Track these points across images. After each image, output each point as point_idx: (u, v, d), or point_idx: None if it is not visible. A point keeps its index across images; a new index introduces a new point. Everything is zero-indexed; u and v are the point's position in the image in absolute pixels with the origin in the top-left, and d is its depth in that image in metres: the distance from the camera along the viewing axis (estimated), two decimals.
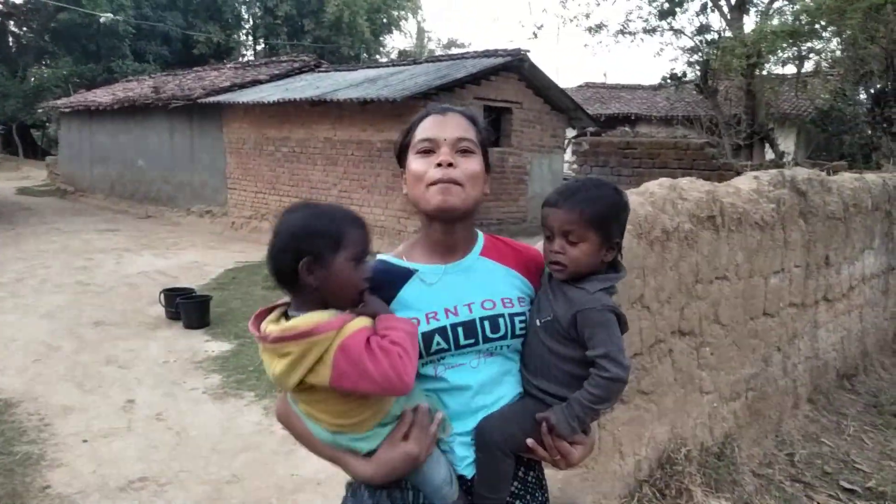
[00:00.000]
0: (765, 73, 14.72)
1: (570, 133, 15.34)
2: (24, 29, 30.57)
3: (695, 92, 16.37)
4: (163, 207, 16.39)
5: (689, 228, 3.12)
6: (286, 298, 1.42)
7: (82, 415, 4.84)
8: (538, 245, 1.66)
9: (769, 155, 14.61)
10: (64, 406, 4.98)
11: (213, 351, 6.34)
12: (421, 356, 1.43)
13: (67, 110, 19.86)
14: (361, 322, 1.32)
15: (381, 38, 36.39)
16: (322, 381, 1.27)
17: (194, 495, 3.76)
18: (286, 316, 1.37)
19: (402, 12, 36.56)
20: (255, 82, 15.53)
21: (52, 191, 20.61)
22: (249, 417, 4.80)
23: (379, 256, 1.59)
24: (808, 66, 15.31)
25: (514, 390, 1.51)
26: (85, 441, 4.42)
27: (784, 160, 13.04)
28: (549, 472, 2.74)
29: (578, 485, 2.72)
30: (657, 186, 3.04)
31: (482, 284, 1.52)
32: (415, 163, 1.50)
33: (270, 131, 13.88)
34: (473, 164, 1.49)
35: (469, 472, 1.46)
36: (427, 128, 1.52)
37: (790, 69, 15.64)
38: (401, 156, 1.58)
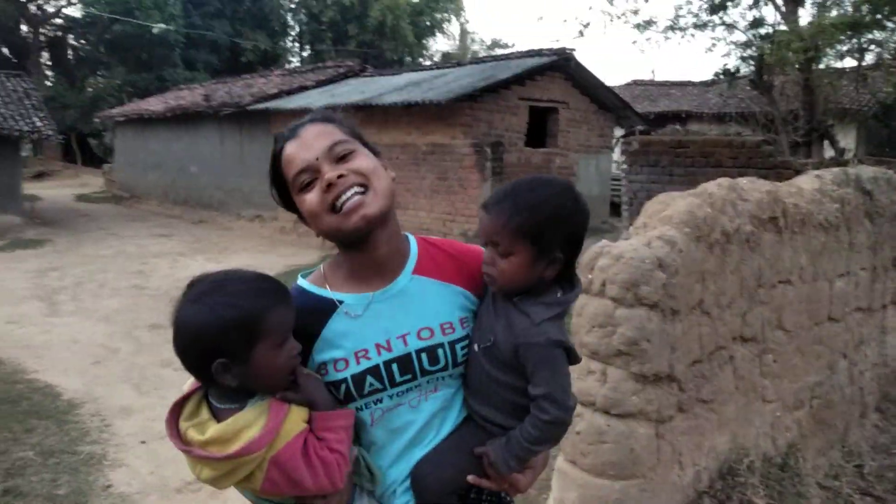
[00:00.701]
0: (822, 66, 14.20)
1: (619, 132, 15.11)
2: (82, 42, 31.78)
3: (749, 88, 15.90)
4: (214, 213, 16.78)
5: (750, 230, 3.01)
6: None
7: (140, 416, 4.98)
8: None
9: (828, 152, 14.10)
10: (123, 407, 5.13)
11: None
12: (353, 399, 1.30)
13: (122, 119, 20.54)
14: (295, 425, 1.19)
15: (425, 41, 36.54)
16: (252, 488, 1.20)
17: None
18: (207, 401, 1.22)
19: (445, 14, 36.64)
20: (302, 88, 15.79)
21: (109, 197, 21.35)
22: None
23: (298, 282, 1.40)
24: (869, 58, 14.70)
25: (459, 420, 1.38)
26: (143, 442, 4.54)
27: (845, 157, 12.56)
28: (605, 483, 2.68)
29: (636, 496, 2.65)
30: (716, 187, 2.94)
31: (417, 311, 1.34)
32: (305, 199, 1.28)
33: None
34: (363, 160, 1.29)
35: None
36: (291, 158, 1.29)
37: (849, 62, 15.06)
38: (285, 200, 1.36)
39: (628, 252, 2.54)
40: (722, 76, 15.29)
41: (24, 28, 29.87)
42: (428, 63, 30.63)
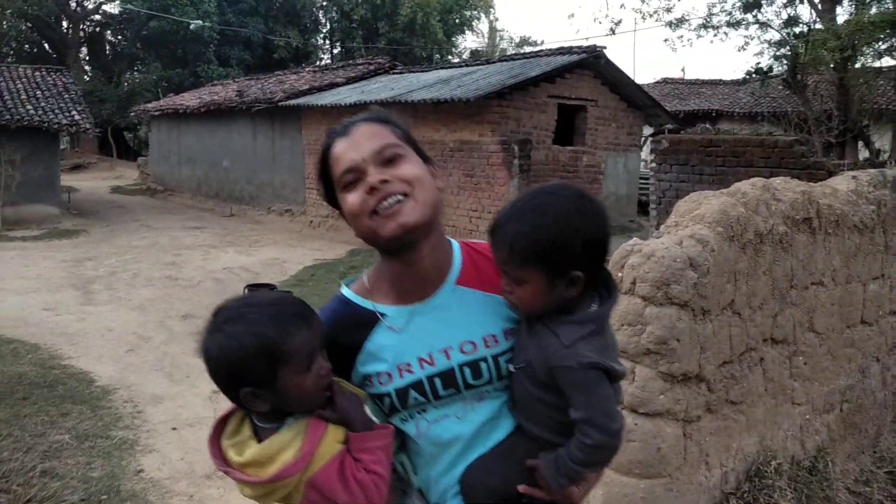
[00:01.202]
0: (859, 66, 13.90)
1: (647, 131, 14.97)
2: (119, 37, 32.41)
3: (781, 87, 15.64)
4: (245, 206, 17.01)
5: (783, 231, 2.98)
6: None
7: (171, 403, 5.09)
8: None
9: (863, 153, 13.80)
10: (155, 395, 5.25)
11: None
12: (397, 410, 1.31)
13: (157, 113, 20.92)
14: (331, 447, 1.21)
15: (454, 39, 36.51)
16: None
17: None
18: (250, 419, 1.24)
19: (475, 12, 36.56)
20: (333, 85, 15.91)
21: (143, 190, 21.77)
22: None
23: (341, 291, 1.40)
24: None
25: (511, 429, 1.34)
26: (174, 429, 4.64)
27: (880, 159, 12.28)
28: (631, 481, 2.68)
29: (662, 495, 2.64)
30: (749, 186, 2.92)
31: (459, 323, 1.30)
32: (347, 199, 1.26)
33: None
34: (409, 168, 1.26)
35: None
36: (339, 156, 1.28)
37: (887, 61, 14.72)
38: (330, 195, 1.34)
39: (659, 250, 2.54)
40: (754, 75, 15.05)
41: (64, 24, 30.55)
42: (457, 60, 30.61)
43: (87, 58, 32.74)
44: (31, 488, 3.57)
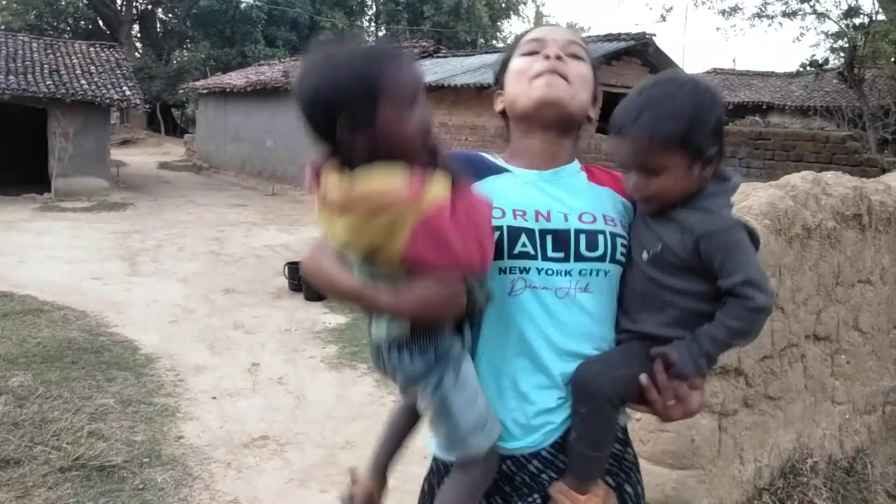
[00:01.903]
0: None
1: None
2: (170, 16, 33.01)
3: (836, 81, 15.12)
4: (287, 186, 17.24)
5: (832, 226, 2.91)
6: None
7: (212, 374, 5.23)
8: None
9: None
10: (196, 364, 5.40)
11: (331, 323, 6.64)
12: (501, 256, 1.20)
13: (205, 91, 21.29)
14: (442, 189, 1.10)
15: (499, 24, 36.20)
16: (391, 252, 1.08)
17: (310, 457, 3.97)
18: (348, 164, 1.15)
19: None
20: None
21: (189, 166, 22.23)
22: (362, 388, 5.00)
23: (473, 150, 1.43)
24: None
25: (611, 341, 1.28)
26: (214, 398, 4.78)
27: None
28: (663, 471, 2.67)
29: (694, 486, 2.63)
30: (799, 179, 2.85)
31: (582, 196, 1.30)
32: (518, 62, 1.34)
33: None
34: (583, 68, 1.32)
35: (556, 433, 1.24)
36: (532, 33, 1.37)
37: None
38: (500, 74, 1.40)
39: None
40: (809, 67, 14.58)
41: (117, 1, 31.22)
42: (502, 45, 30.37)
43: (139, 35, 33.44)
44: (79, 447, 3.72)
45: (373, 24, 36.81)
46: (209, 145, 21.70)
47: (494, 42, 34.40)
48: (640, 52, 12.00)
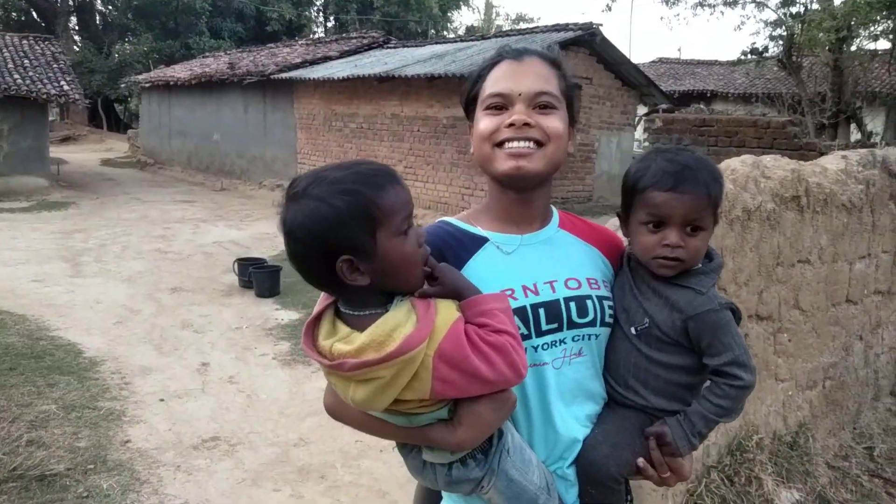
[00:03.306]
0: (854, 48, 13.86)
1: (642, 110, 14.91)
2: (109, 7, 31.87)
3: (776, 68, 15.59)
4: (236, 181, 16.90)
5: (771, 208, 2.98)
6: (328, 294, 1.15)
7: (160, 375, 5.09)
8: (607, 226, 1.49)
9: (855, 135, 13.81)
10: (143, 366, 5.24)
11: (283, 319, 6.54)
12: None
13: (148, 85, 20.66)
14: (449, 314, 1.07)
15: (449, 14, 36.12)
16: (419, 396, 1.05)
17: (263, 456, 3.90)
18: (340, 316, 1.11)
19: None
20: (326, 59, 15.74)
21: (133, 163, 21.58)
22: (316, 384, 4.93)
23: (442, 219, 1.36)
24: None
25: (601, 402, 1.31)
26: (162, 400, 4.65)
27: (872, 140, 12.30)
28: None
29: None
30: (739, 163, 2.91)
31: (565, 260, 1.29)
32: (483, 120, 1.26)
33: (339, 107, 14.07)
34: (555, 122, 1.25)
35: None
36: (499, 78, 1.26)
37: (883, 44, 14.68)
38: (468, 107, 1.34)
39: None
40: (750, 55, 14.99)
41: None
42: (452, 36, 30.30)
43: (77, 27, 32.20)
44: (16, 457, 3.57)
45: (321, 14, 36.28)
46: (154, 140, 21.10)
47: (445, 32, 34.32)
48: (587, 42, 12.10)
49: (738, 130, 8.28)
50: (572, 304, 1.24)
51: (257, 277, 7.35)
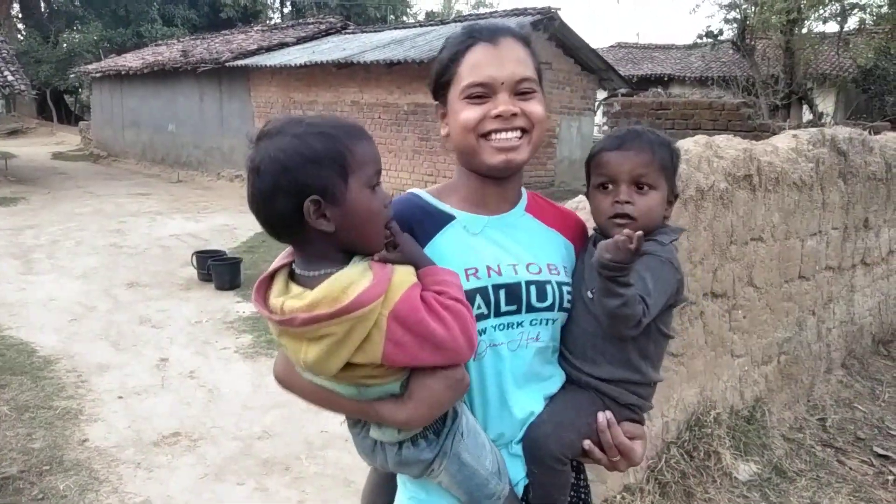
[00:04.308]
0: (805, 30, 14.18)
1: (601, 95, 15.03)
2: None
3: (731, 51, 15.86)
4: (193, 172, 16.55)
5: (724, 188, 3.03)
6: (286, 254, 1.14)
7: (118, 372, 4.97)
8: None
9: (807, 116, 14.16)
10: (100, 364, 5.11)
11: (244, 312, 6.43)
12: None
13: (98, 75, 20.03)
14: (407, 277, 1.06)
15: None
16: (371, 360, 1.03)
17: (226, 450, 3.84)
18: (294, 278, 1.10)
19: None
20: (282, 45, 15.47)
21: (86, 155, 20.93)
22: None
23: (412, 191, 1.36)
24: (852, 23, 14.71)
25: (556, 387, 1.31)
26: (120, 397, 4.54)
27: (823, 121, 12.62)
28: None
29: None
30: (692, 144, 2.95)
31: (527, 244, 1.30)
32: (465, 111, 1.22)
33: (298, 94, 13.85)
34: (537, 106, 1.24)
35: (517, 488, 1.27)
36: (477, 65, 1.22)
37: (832, 27, 15.05)
38: (438, 90, 1.30)
39: None
40: (705, 38, 15.22)
41: None
42: (412, 21, 30.06)
43: (20, 15, 31.01)
44: None
45: (277, 0, 35.61)
46: (106, 132, 20.50)
47: (404, 18, 34.01)
48: (546, 26, 12.13)
49: (694, 113, 8.41)
50: (532, 288, 1.25)
51: (217, 270, 7.22)
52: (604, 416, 1.25)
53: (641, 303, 1.18)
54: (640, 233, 1.09)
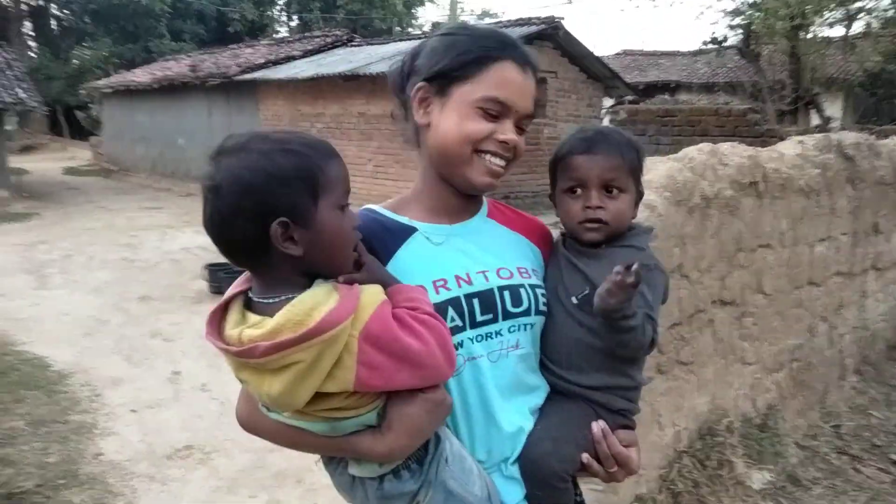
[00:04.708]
0: (810, 35, 14.15)
1: (608, 102, 15.05)
2: (66, 11, 31.13)
3: (737, 57, 15.85)
4: None
5: (730, 195, 3.04)
6: (240, 281, 1.05)
7: (130, 386, 5.01)
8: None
9: (815, 121, 14.11)
10: (113, 377, 5.15)
11: None
12: None
13: (108, 91, 20.26)
14: (376, 296, 0.99)
15: (414, 11, 35.99)
16: (343, 387, 0.94)
17: (238, 463, 3.86)
18: (250, 307, 1.01)
19: None
20: (289, 58, 15.59)
21: (97, 170, 21.13)
22: None
23: (367, 206, 1.30)
24: (858, 26, 14.67)
25: (543, 396, 1.26)
26: (133, 411, 4.58)
27: (830, 126, 12.58)
28: None
29: None
30: (697, 152, 2.96)
31: (495, 250, 1.27)
32: (473, 121, 1.18)
33: (305, 107, 13.95)
34: (522, 143, 1.25)
35: None
36: (506, 83, 1.19)
37: (837, 31, 15.02)
38: (441, 77, 1.21)
39: None
40: (710, 44, 15.22)
41: None
42: (417, 33, 30.22)
43: (32, 33, 31.41)
44: None
45: (284, 14, 35.92)
46: (117, 147, 20.69)
47: (410, 30, 34.20)
48: (551, 36, 12.18)
49: (701, 119, 8.42)
50: (506, 293, 1.20)
51: (228, 282, 7.18)
52: (598, 426, 1.20)
53: (650, 321, 1.16)
54: (636, 266, 1.07)
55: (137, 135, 19.40)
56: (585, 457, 1.18)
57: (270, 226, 0.93)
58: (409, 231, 1.24)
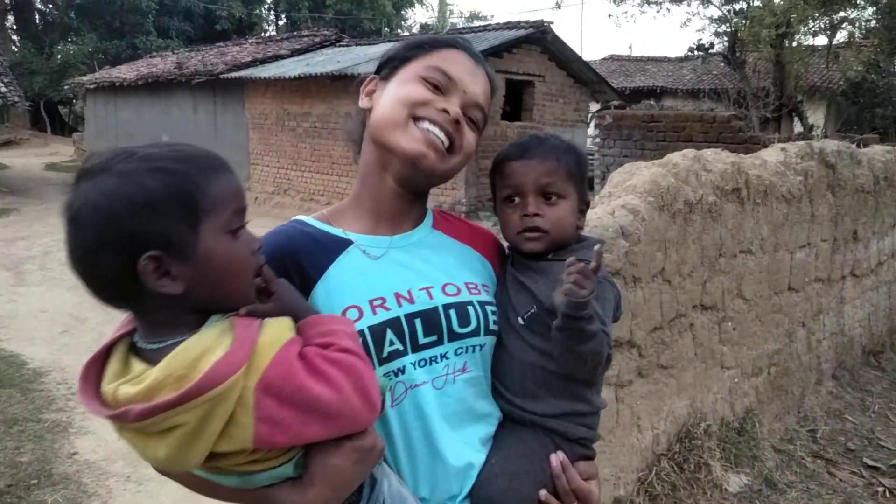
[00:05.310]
0: (794, 44, 14.34)
1: (594, 107, 15.13)
2: (50, 6, 30.81)
3: (722, 64, 16.01)
4: None
5: (712, 201, 3.06)
6: (126, 320, 0.89)
7: None
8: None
9: (798, 128, 14.29)
10: None
11: None
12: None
13: (93, 87, 20.05)
14: (280, 333, 0.84)
15: (403, 12, 36.05)
16: (241, 446, 0.80)
17: None
18: (136, 352, 0.85)
19: None
20: (277, 57, 15.52)
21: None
22: None
23: (297, 217, 1.19)
24: (841, 36, 14.89)
25: (494, 424, 1.15)
26: None
27: (813, 133, 12.74)
28: None
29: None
30: (680, 157, 2.98)
31: (440, 264, 1.15)
32: (414, 85, 1.10)
33: (292, 106, 13.89)
34: (470, 138, 1.15)
35: None
36: (452, 61, 1.14)
37: (821, 40, 15.23)
38: (388, 65, 1.18)
39: (592, 220, 2.57)
40: (696, 51, 15.37)
41: None
42: (406, 34, 30.23)
43: (15, 27, 31.04)
44: None
45: (272, 13, 35.78)
46: (100, 143, 20.44)
47: (399, 31, 34.21)
48: (539, 39, 12.22)
49: (686, 125, 8.49)
50: (452, 312, 1.09)
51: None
52: (557, 459, 1.10)
53: (604, 335, 1.08)
54: (598, 247, 1.03)
55: (121, 131, 19.22)
56: (544, 493, 1.08)
57: (139, 262, 0.78)
58: (343, 244, 1.12)
